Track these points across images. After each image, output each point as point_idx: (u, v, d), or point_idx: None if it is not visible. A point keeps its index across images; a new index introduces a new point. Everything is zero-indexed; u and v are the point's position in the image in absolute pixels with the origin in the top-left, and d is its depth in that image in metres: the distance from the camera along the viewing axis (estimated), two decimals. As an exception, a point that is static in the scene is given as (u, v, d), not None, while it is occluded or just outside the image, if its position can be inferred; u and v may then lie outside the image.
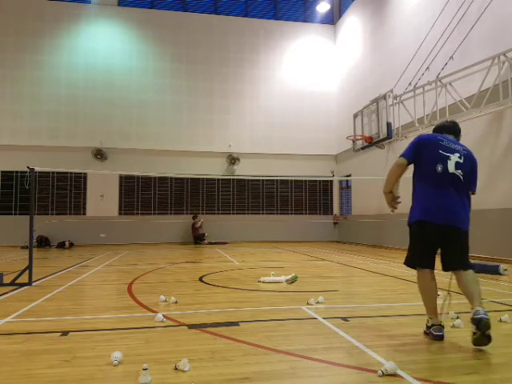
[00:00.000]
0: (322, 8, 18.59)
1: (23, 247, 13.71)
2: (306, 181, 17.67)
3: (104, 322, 3.88)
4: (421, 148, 3.34)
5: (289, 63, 18.34)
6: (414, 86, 10.68)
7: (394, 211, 3.49)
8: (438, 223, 3.18)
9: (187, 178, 17.09)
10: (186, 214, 16.91)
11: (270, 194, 17.88)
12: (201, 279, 6.56)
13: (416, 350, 2.99)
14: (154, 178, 16.88)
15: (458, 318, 3.78)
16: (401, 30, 13.37)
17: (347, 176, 16.41)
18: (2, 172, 15.86)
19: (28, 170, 6.19)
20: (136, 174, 16.44)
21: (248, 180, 17.55)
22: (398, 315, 4.05)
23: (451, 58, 10.02)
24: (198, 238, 16.22)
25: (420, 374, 2.49)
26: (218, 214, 17.37)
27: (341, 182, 18.22)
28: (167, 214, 16.83)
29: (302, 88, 18.22)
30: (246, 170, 17.12)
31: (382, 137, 11.42)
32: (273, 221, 17.42)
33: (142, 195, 16.82)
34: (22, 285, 5.81)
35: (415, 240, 3.34)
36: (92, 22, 16.93)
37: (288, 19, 18.71)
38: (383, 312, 4.17)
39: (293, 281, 6.07)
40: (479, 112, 8.77)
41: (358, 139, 13.09)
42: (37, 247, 14.45)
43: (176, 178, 17.03)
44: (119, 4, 17.34)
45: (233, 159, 17.26)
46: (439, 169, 3.22)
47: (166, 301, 4.67)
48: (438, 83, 9.75)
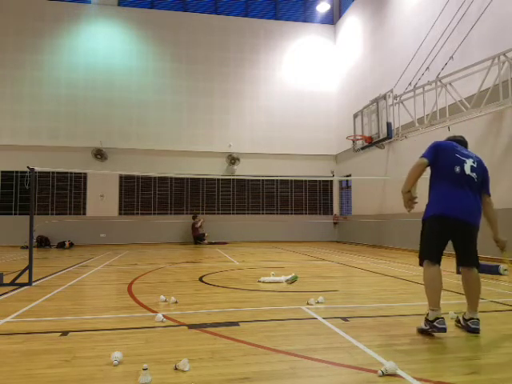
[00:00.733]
0: (322, 8, 18.59)
1: (23, 247, 13.71)
2: (305, 181, 17.67)
3: (104, 322, 3.88)
4: (439, 152, 3.55)
5: (289, 63, 18.35)
6: (414, 86, 10.68)
7: (410, 211, 3.58)
8: (460, 218, 3.34)
9: (187, 178, 17.09)
10: (186, 214, 16.91)
11: (270, 194, 17.88)
12: (201, 279, 6.56)
13: (416, 350, 2.99)
14: (154, 177, 16.88)
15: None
16: (401, 30, 13.37)
17: (347, 176, 16.41)
18: (2, 172, 15.86)
19: (28, 169, 6.19)
20: (136, 174, 16.44)
21: (248, 180, 17.55)
22: (397, 315, 4.05)
23: (451, 58, 10.01)
24: (198, 238, 16.22)
25: (420, 374, 2.49)
26: (218, 214, 17.37)
27: (341, 182, 18.22)
28: (167, 214, 16.83)
29: (301, 88, 18.22)
30: (246, 170, 17.12)
31: (382, 137, 11.42)
32: (273, 221, 17.42)
33: (142, 195, 16.82)
34: (21, 285, 5.81)
35: (432, 234, 3.43)
36: (92, 21, 16.93)
37: (288, 19, 18.71)
38: (383, 312, 4.17)
39: (293, 281, 6.07)
40: (479, 112, 8.76)
41: (357, 139, 13.09)
42: (37, 247, 14.45)
43: (176, 178, 17.03)
44: (119, 4, 17.34)
45: (233, 159, 17.26)
46: (457, 170, 3.43)
47: (166, 301, 4.67)
48: (438, 83, 9.75)
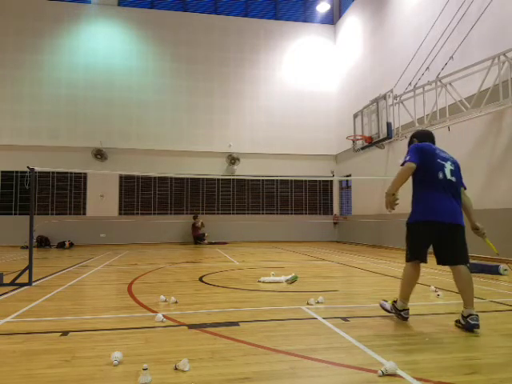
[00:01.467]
0: (322, 8, 18.59)
1: (23, 247, 13.71)
2: (305, 181, 17.67)
3: (104, 322, 3.88)
4: (423, 155, 3.71)
5: (289, 63, 18.35)
6: (414, 86, 10.68)
7: (391, 212, 3.81)
8: (446, 222, 3.61)
9: (187, 178, 17.09)
10: (186, 214, 16.91)
11: (270, 194, 17.88)
12: (201, 279, 6.56)
13: (416, 349, 2.99)
14: (154, 177, 16.88)
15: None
16: (401, 30, 13.37)
17: (347, 176, 16.41)
18: (2, 172, 15.86)
19: (28, 169, 6.19)
20: (136, 174, 16.43)
21: (248, 180, 17.55)
22: (398, 315, 4.04)
23: (451, 58, 10.01)
24: (198, 237, 16.22)
25: (420, 374, 2.49)
26: (218, 214, 17.37)
27: (341, 181, 18.22)
28: (167, 214, 16.83)
29: (301, 88, 18.22)
30: (246, 170, 17.12)
31: (382, 137, 11.41)
32: (273, 221, 17.42)
33: (142, 195, 16.82)
34: (21, 285, 5.81)
35: (422, 238, 3.70)
36: (92, 21, 16.93)
37: (288, 19, 18.71)
38: (383, 312, 4.17)
39: (293, 281, 6.07)
40: (479, 112, 8.76)
41: (357, 139, 13.08)
42: (37, 247, 14.45)
43: (176, 178, 17.03)
44: (119, 4, 17.34)
45: (233, 159, 17.26)
46: (440, 176, 3.67)
47: (165, 301, 4.67)
48: (438, 83, 9.75)
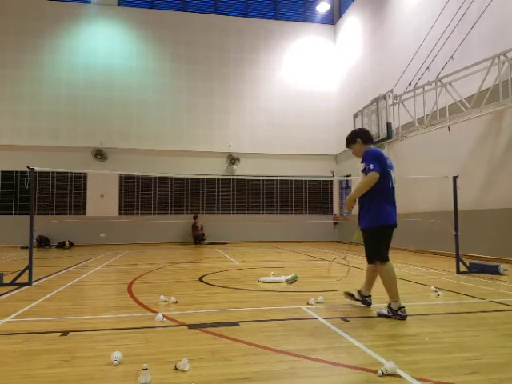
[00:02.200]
0: (322, 8, 18.59)
1: (23, 247, 13.71)
2: (306, 181, 17.66)
3: (104, 322, 3.88)
4: (381, 164, 4.01)
5: (289, 63, 18.35)
6: (414, 86, 10.67)
7: (348, 214, 4.08)
8: (396, 224, 4.10)
9: (187, 178, 17.09)
10: (186, 214, 16.91)
11: (270, 194, 17.88)
12: (201, 279, 6.56)
13: (416, 350, 2.99)
14: (154, 177, 16.88)
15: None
16: (401, 30, 13.37)
17: (347, 176, 16.41)
18: (2, 172, 15.86)
19: (28, 169, 6.19)
20: (136, 174, 16.44)
21: (248, 180, 17.55)
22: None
23: (451, 58, 10.01)
24: (198, 237, 16.23)
25: (420, 374, 2.49)
26: (218, 214, 17.37)
27: (341, 181, 18.22)
28: (167, 214, 16.83)
29: (301, 88, 18.22)
30: (246, 170, 17.12)
31: (381, 137, 11.39)
32: (273, 221, 17.41)
33: (142, 195, 16.81)
34: (22, 285, 5.81)
35: (386, 239, 4.09)
36: (92, 21, 16.94)
37: (288, 19, 18.71)
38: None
39: (293, 281, 6.06)
40: (479, 112, 8.76)
41: (358, 139, 13.06)
42: (37, 247, 14.46)
43: (176, 178, 17.03)
44: (119, 4, 17.34)
45: (233, 159, 17.26)
46: (390, 184, 4.06)
47: (165, 301, 4.67)
48: (438, 83, 9.74)
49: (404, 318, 3.83)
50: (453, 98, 9.42)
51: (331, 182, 18.24)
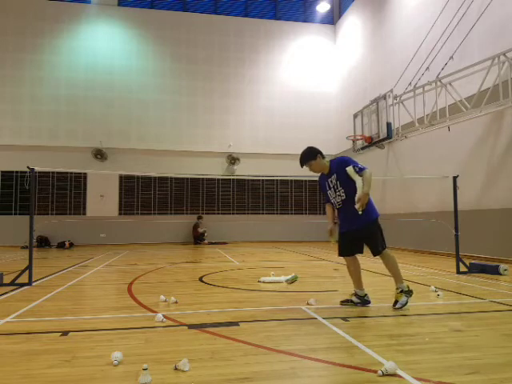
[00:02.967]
0: (322, 8, 18.58)
1: (23, 247, 13.71)
2: (305, 181, 17.66)
3: (104, 322, 3.88)
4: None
5: (289, 63, 18.34)
6: (414, 86, 10.67)
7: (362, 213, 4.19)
8: None
9: (187, 178, 17.09)
10: (186, 214, 16.91)
11: (270, 194, 17.88)
12: (201, 279, 6.56)
13: (416, 350, 2.99)
14: (154, 177, 16.88)
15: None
16: (401, 30, 13.37)
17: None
18: (2, 172, 15.85)
19: (28, 170, 6.19)
20: (136, 173, 16.44)
21: (248, 180, 17.55)
22: (398, 315, 4.05)
23: (451, 58, 10.01)
24: (198, 237, 16.23)
25: (420, 374, 2.48)
26: (218, 214, 17.37)
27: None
28: (167, 213, 16.83)
29: (301, 88, 18.22)
30: (246, 170, 17.11)
31: (381, 137, 11.41)
32: (273, 221, 17.41)
33: (142, 195, 16.81)
34: (22, 285, 5.81)
35: (381, 229, 4.37)
36: (92, 21, 16.93)
37: (288, 19, 18.71)
38: (383, 312, 4.17)
39: (293, 281, 6.05)
40: (479, 112, 8.76)
41: (357, 139, 13.08)
42: (37, 247, 14.46)
43: (176, 178, 17.03)
44: (119, 4, 17.34)
45: (233, 159, 17.26)
46: None
47: (165, 301, 4.67)
48: (438, 83, 9.74)
49: (410, 294, 4.29)
50: (453, 98, 9.42)
51: (331, 182, 18.19)
